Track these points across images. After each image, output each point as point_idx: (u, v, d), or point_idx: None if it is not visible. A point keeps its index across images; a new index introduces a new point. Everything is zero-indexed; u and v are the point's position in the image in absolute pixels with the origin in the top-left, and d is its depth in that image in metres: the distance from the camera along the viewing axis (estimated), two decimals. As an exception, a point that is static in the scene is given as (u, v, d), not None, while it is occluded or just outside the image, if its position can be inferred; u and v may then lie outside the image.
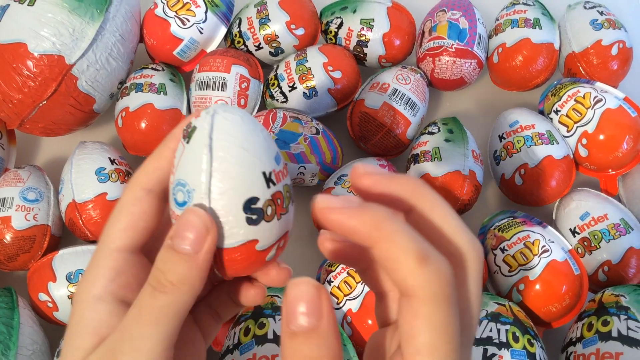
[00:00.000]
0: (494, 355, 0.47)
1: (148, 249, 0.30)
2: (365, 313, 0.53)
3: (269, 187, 0.26)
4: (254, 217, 0.26)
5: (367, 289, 0.53)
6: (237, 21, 0.68)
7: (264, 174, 0.26)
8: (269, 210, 0.27)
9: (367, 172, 0.27)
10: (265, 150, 0.27)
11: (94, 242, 0.59)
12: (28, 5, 0.56)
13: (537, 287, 0.54)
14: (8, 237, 0.56)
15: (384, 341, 0.29)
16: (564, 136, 0.63)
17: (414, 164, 0.62)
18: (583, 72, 0.66)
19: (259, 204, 0.26)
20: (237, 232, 0.26)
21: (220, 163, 0.25)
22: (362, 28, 0.66)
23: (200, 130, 0.26)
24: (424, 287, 0.24)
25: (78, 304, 0.28)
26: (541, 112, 0.67)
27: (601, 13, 0.68)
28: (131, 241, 0.28)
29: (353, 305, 0.54)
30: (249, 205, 0.26)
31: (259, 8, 0.67)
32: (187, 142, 0.26)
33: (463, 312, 0.26)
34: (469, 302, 0.26)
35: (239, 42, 0.68)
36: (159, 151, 0.29)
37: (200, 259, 0.26)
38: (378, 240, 0.24)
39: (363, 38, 0.66)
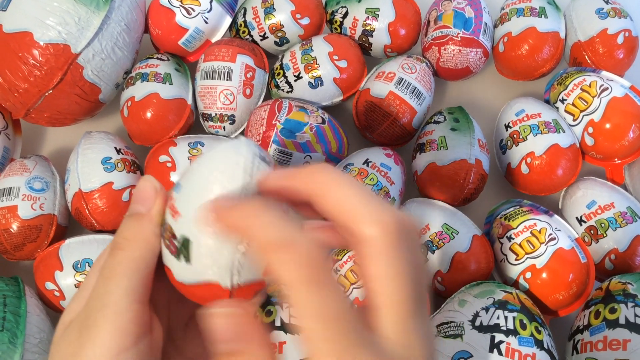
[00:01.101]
0: (501, 342, 0.47)
1: None
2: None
3: None
4: None
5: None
6: (242, 11, 0.68)
7: None
8: None
9: (271, 174, 0.27)
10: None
11: (100, 231, 0.59)
12: (33, -6, 0.56)
13: (544, 275, 0.54)
14: (14, 226, 0.56)
15: None
16: (570, 125, 0.63)
17: (420, 153, 0.62)
18: (589, 61, 0.66)
19: None
20: None
21: None
22: (368, 17, 0.66)
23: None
24: (288, 276, 0.24)
25: None
26: (547, 101, 0.67)
27: (607, 2, 0.67)
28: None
29: (360, 294, 0.54)
30: None
31: (264, -3, 0.66)
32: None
33: (372, 292, 0.25)
34: (377, 280, 0.25)
35: (244, 32, 0.68)
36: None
37: (152, 215, 0.29)
38: (248, 237, 0.26)
39: (368, 27, 0.66)
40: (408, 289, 0.25)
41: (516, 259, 0.55)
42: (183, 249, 0.27)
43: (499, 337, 0.47)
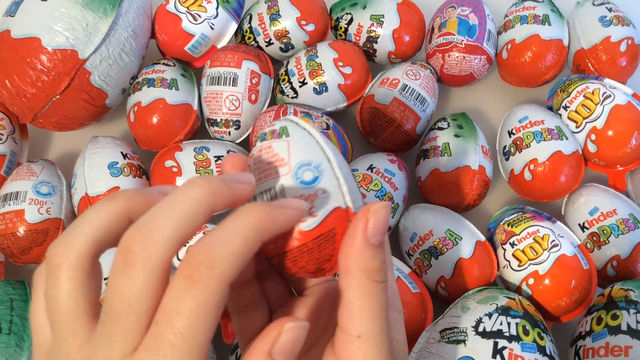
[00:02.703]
0: (504, 348, 0.47)
1: None
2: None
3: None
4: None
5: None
6: (248, 17, 0.69)
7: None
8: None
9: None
10: None
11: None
12: (42, 0, 0.57)
13: (547, 281, 0.54)
14: (21, 230, 0.57)
15: None
16: (573, 132, 0.64)
17: (424, 159, 0.63)
18: (592, 68, 0.67)
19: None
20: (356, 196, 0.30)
21: (327, 143, 0.30)
22: (372, 24, 0.66)
23: (293, 127, 0.30)
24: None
25: None
26: (550, 108, 0.67)
27: (610, 10, 0.68)
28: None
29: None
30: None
31: (269, 4, 0.67)
32: (287, 136, 0.30)
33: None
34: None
35: (249, 37, 0.68)
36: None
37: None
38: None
39: (373, 34, 0.67)
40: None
41: (519, 265, 0.56)
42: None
43: (501, 343, 0.48)
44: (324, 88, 0.64)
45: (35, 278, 0.28)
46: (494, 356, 0.47)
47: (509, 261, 0.57)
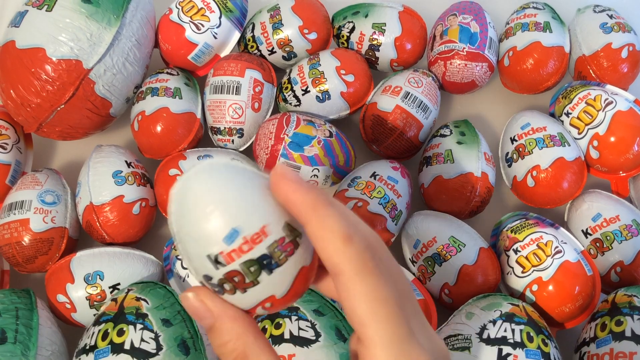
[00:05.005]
0: (508, 355, 0.47)
1: None
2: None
3: (217, 268, 0.28)
4: (216, 289, 0.29)
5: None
6: (251, 26, 0.69)
7: (208, 257, 0.27)
8: (227, 286, 0.28)
9: (285, 177, 0.28)
10: (206, 228, 0.27)
11: (111, 244, 0.60)
12: (46, 10, 0.57)
13: (550, 287, 0.54)
14: (26, 239, 0.57)
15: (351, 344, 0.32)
16: (575, 138, 0.64)
17: (427, 166, 0.63)
18: (593, 75, 0.67)
19: (214, 281, 0.28)
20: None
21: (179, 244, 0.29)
22: (374, 32, 0.67)
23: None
24: (348, 264, 0.26)
25: None
26: (552, 115, 0.68)
27: (611, 16, 0.68)
28: None
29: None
30: (208, 280, 0.29)
31: (272, 13, 0.67)
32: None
33: (359, 329, 0.27)
34: (354, 306, 0.27)
35: (252, 46, 0.69)
36: None
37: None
38: (311, 219, 0.27)
39: (375, 42, 0.67)
40: (396, 321, 0.27)
41: (523, 272, 0.56)
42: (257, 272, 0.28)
43: (506, 349, 0.48)
44: (326, 96, 0.65)
45: None
46: (498, 363, 0.47)
47: (512, 267, 0.57)
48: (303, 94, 0.65)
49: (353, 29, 0.68)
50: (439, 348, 0.29)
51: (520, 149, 0.63)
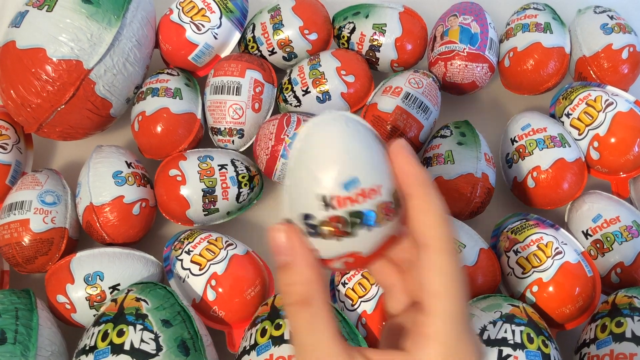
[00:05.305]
0: (509, 356, 0.47)
1: None
2: (380, 314, 0.53)
3: (325, 209, 0.28)
4: (310, 231, 0.29)
5: (381, 290, 0.54)
6: (251, 26, 0.69)
7: (322, 196, 0.28)
8: (325, 230, 0.29)
9: (405, 149, 0.30)
10: (329, 169, 0.28)
11: (111, 244, 0.60)
12: (47, 11, 0.57)
13: (551, 288, 0.54)
14: (26, 239, 0.57)
15: (397, 321, 0.33)
16: (576, 139, 0.64)
17: (427, 167, 0.63)
18: (594, 75, 0.67)
19: (315, 222, 0.29)
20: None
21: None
22: (375, 33, 0.67)
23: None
24: (439, 240, 0.29)
25: None
26: (552, 116, 0.68)
27: (611, 17, 0.68)
28: None
29: (368, 307, 0.54)
30: (305, 219, 0.29)
31: (272, 13, 0.67)
32: None
33: (429, 300, 0.29)
34: (431, 277, 0.29)
35: (252, 47, 0.69)
36: None
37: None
38: (418, 192, 0.30)
39: (375, 43, 0.67)
40: (461, 302, 0.29)
41: (523, 273, 0.56)
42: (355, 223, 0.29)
43: (506, 350, 0.48)
44: (327, 96, 0.65)
45: None
46: (498, 364, 0.47)
47: (512, 268, 0.57)
48: (303, 95, 0.65)
49: (353, 29, 0.68)
50: (479, 342, 0.31)
51: (521, 150, 0.63)
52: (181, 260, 0.57)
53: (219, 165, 0.61)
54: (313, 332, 0.30)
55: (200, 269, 0.55)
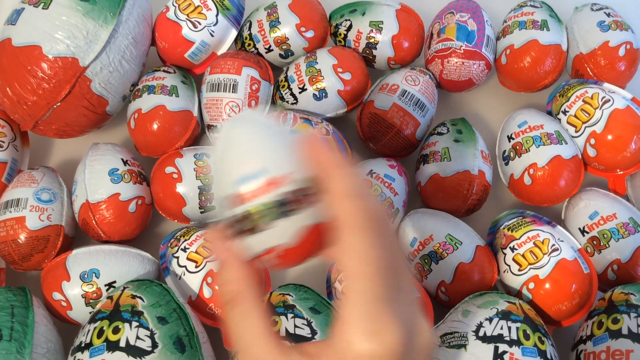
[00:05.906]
0: (505, 352, 0.47)
1: None
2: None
3: (241, 204, 0.30)
4: (237, 228, 0.31)
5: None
6: (248, 24, 0.69)
7: (235, 193, 0.30)
8: (246, 225, 0.30)
9: (316, 142, 0.31)
10: (235, 168, 0.30)
11: (107, 242, 0.60)
12: (43, 8, 0.57)
13: (547, 285, 0.54)
14: (22, 237, 0.57)
15: None
16: (573, 136, 0.64)
17: (424, 164, 0.63)
18: (591, 73, 0.67)
19: (236, 219, 0.30)
20: None
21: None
22: (371, 30, 0.67)
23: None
24: (352, 218, 0.29)
25: None
26: (549, 113, 0.68)
27: (608, 15, 0.68)
28: None
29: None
30: (232, 219, 0.31)
31: (269, 11, 0.67)
32: None
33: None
34: (344, 259, 0.30)
35: (249, 44, 0.69)
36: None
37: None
38: (333, 175, 0.30)
39: (372, 40, 0.67)
40: (378, 279, 0.29)
41: (519, 270, 0.56)
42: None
43: (502, 347, 0.48)
44: (323, 94, 0.64)
45: None
46: (494, 360, 0.47)
47: (509, 265, 0.57)
48: (300, 92, 0.65)
49: (350, 27, 0.68)
50: (420, 331, 0.31)
51: (518, 147, 0.63)
52: (177, 257, 0.57)
53: (215, 163, 0.61)
54: (245, 329, 0.30)
55: (196, 267, 0.55)
